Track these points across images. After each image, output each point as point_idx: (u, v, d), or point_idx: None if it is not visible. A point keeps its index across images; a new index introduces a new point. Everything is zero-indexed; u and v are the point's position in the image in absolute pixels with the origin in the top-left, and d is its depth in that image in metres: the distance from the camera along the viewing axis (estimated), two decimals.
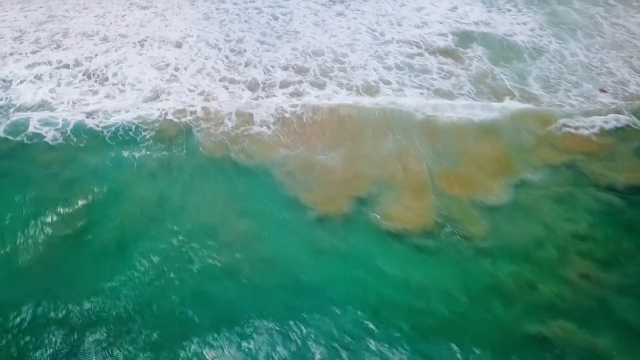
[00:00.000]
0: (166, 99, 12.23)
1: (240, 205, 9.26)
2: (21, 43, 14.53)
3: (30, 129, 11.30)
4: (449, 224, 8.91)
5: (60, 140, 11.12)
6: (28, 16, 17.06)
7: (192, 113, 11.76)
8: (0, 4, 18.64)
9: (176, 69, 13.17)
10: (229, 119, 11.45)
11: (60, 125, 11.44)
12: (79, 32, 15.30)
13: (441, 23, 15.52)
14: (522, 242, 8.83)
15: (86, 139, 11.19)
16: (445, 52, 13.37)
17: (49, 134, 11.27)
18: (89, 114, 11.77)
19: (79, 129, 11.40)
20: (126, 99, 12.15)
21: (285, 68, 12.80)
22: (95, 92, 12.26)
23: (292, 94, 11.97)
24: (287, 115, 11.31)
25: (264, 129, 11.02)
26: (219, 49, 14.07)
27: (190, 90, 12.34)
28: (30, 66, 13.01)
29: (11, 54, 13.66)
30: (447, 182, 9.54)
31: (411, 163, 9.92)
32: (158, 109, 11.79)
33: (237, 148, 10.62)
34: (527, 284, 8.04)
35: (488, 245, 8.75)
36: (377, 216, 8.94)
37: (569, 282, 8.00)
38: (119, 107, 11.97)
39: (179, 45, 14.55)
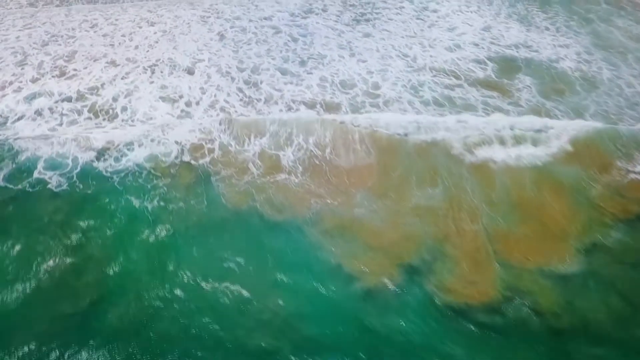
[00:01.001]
0: (179, 139, 11.01)
1: (274, 273, 8.04)
2: (22, 69, 13.32)
3: (35, 174, 10.10)
4: (517, 297, 7.69)
5: (65, 186, 9.91)
6: (32, 35, 15.90)
7: (209, 153, 10.56)
8: (1, 20, 17.50)
9: (188, 104, 11.91)
10: (252, 163, 10.23)
11: (65, 170, 10.23)
12: (85, 56, 14.09)
13: (477, 46, 14.29)
14: (600, 319, 7.62)
15: (94, 185, 9.98)
16: (488, 84, 12.12)
17: (53, 179, 10.06)
18: (96, 156, 10.56)
19: (86, 174, 10.19)
20: (136, 140, 10.92)
21: (312, 105, 11.55)
22: (103, 131, 11.03)
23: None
24: (317, 159, 10.08)
25: (292, 176, 9.79)
26: (232, 79, 12.78)
27: (203, 131, 11.10)
28: (30, 98, 11.78)
29: (11, 82, 12.43)
30: (509, 247, 8.31)
31: (465, 220, 8.69)
32: (171, 151, 10.58)
33: (263, 199, 9.39)
34: None
35: (562, 323, 7.54)
36: (434, 289, 7.72)
37: None
38: (128, 148, 10.75)
39: (190, 71, 13.32)
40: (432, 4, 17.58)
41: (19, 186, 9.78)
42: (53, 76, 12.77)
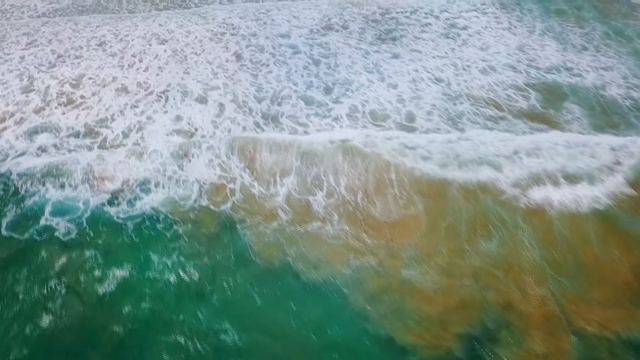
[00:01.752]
0: (197, 176, 10.05)
1: (315, 349, 7.05)
2: (27, 96, 12.35)
3: (42, 221, 9.14)
4: None
5: (75, 234, 8.94)
6: (37, 55, 14.95)
7: (231, 195, 9.60)
8: (4, 38, 16.57)
9: (202, 137, 10.92)
10: (280, 209, 9.25)
11: (74, 215, 9.28)
12: (93, 80, 13.12)
13: (514, 69, 13.28)
14: None
15: (105, 233, 9.02)
16: (534, 115, 11.11)
17: (61, 226, 9.10)
18: (109, 199, 9.61)
19: (97, 219, 9.24)
20: (151, 176, 9.96)
21: (342, 140, 10.55)
22: (114, 170, 10.06)
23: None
24: (351, 205, 9.10)
25: (326, 225, 8.81)
26: (250, 110, 11.75)
27: (223, 167, 10.13)
28: (32, 134, 10.79)
29: (12, 114, 11.46)
30: (581, 313, 7.31)
31: (528, 282, 7.69)
32: (190, 194, 9.62)
33: (296, 252, 8.41)
34: None
35: None
36: None
37: None
38: (143, 189, 9.79)
39: (202, 100, 12.24)
40: (460, 19, 16.59)
41: (25, 235, 8.82)
42: (59, 104, 11.80)
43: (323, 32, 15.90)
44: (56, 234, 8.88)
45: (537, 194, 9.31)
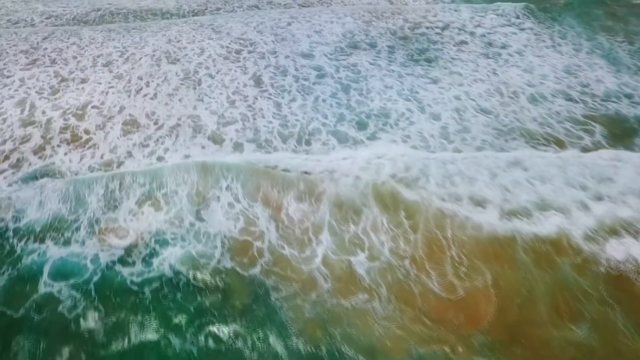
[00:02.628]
0: (219, 228, 8.75)
1: None
2: (25, 129, 11.03)
3: (41, 287, 7.84)
4: None
5: (81, 308, 7.63)
6: (39, 77, 13.65)
7: (260, 255, 8.30)
8: (1, 56, 15.30)
9: (221, 189, 9.59)
10: (319, 273, 7.94)
11: (79, 278, 7.98)
12: (99, 109, 11.79)
13: (566, 96, 11.92)
14: None
15: (117, 303, 7.72)
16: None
17: (64, 294, 7.81)
18: (120, 257, 8.33)
19: (107, 284, 7.94)
20: (166, 235, 8.65)
21: (383, 187, 9.22)
22: (124, 221, 8.76)
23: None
24: (402, 272, 7.78)
25: (375, 299, 7.48)
26: (274, 150, 10.42)
27: (247, 217, 8.81)
28: (31, 179, 9.47)
29: (7, 155, 10.11)
30: None
31: None
32: (212, 252, 8.31)
33: (343, 334, 7.08)
34: None
35: None
36: None
37: None
38: (159, 242, 8.51)
39: (217, 140, 10.76)
40: (497, 36, 15.22)
41: (21, 311, 7.51)
42: (62, 141, 10.48)
43: (349, 51, 14.56)
44: (59, 308, 7.57)
45: (617, 252, 7.99)
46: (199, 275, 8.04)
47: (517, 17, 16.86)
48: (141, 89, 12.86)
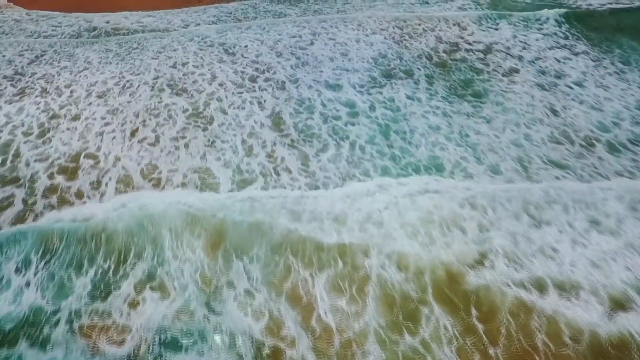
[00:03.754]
0: (240, 336, 6.87)
1: None
2: (4, 189, 9.14)
3: None
4: None
5: None
6: (28, 112, 11.82)
7: None
8: None
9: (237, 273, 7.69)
10: None
11: None
12: (91, 160, 9.91)
13: None
14: None
15: None
16: None
17: None
18: None
19: None
20: (177, 338, 6.78)
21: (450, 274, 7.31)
22: (121, 317, 6.88)
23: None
24: None
25: None
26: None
27: (269, 321, 6.93)
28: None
29: None
30: None
31: None
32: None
33: None
34: None
35: None
36: None
37: None
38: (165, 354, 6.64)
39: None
40: (550, 62, 13.29)
41: None
42: (46, 207, 8.60)
43: (382, 81, 12.64)
44: None
45: None
46: None
47: (566, 38, 14.92)
48: (141, 128, 10.97)
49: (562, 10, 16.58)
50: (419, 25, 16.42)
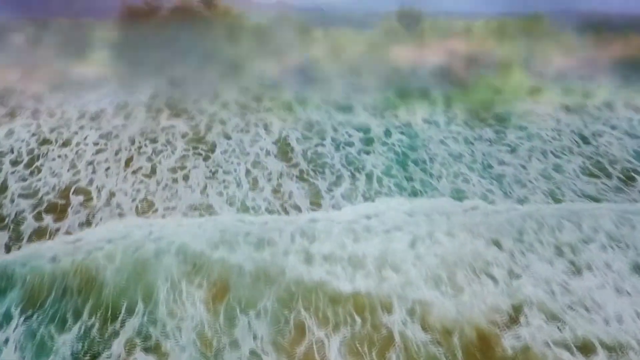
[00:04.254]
0: None
1: None
2: None
3: None
4: None
5: None
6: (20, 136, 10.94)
7: None
8: None
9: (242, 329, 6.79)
10: None
11: None
12: (81, 199, 9.06)
13: None
14: None
15: None
16: None
17: None
18: None
19: None
20: None
21: None
22: None
23: None
24: None
25: None
26: None
27: None
28: None
29: None
30: None
31: None
32: None
33: None
34: None
35: None
36: None
37: None
38: None
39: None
40: None
41: None
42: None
43: (396, 102, 11.79)
44: None
45: None
46: None
47: None
48: (132, 159, 10.14)
49: None
50: None
